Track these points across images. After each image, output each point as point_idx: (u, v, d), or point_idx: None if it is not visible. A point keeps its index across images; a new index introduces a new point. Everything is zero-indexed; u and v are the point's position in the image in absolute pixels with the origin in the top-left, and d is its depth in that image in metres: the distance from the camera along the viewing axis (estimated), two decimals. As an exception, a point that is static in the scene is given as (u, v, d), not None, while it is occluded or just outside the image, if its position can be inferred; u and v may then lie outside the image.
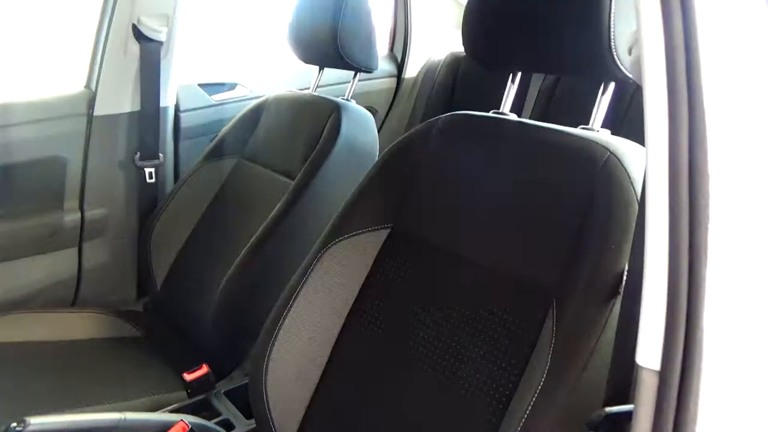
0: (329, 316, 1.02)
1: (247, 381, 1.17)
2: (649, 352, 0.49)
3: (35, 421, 0.88)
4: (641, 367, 0.49)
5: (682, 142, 0.48)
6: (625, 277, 0.70)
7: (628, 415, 0.63)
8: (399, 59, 2.30)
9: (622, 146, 0.83)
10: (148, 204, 1.67)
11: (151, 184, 1.66)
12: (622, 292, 0.70)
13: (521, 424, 0.70)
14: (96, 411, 1.13)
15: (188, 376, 1.20)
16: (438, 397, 0.86)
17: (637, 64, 0.57)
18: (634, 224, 0.73)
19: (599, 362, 0.70)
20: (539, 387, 0.70)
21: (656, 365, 0.48)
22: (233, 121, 1.63)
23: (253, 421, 1.12)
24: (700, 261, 0.47)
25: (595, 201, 0.78)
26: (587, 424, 0.64)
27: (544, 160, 0.87)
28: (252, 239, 1.31)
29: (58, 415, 0.91)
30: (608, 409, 0.62)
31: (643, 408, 0.47)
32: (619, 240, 0.74)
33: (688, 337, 0.47)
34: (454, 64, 2.18)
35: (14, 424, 0.87)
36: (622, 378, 0.64)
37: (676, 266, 0.49)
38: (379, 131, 1.54)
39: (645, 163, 0.79)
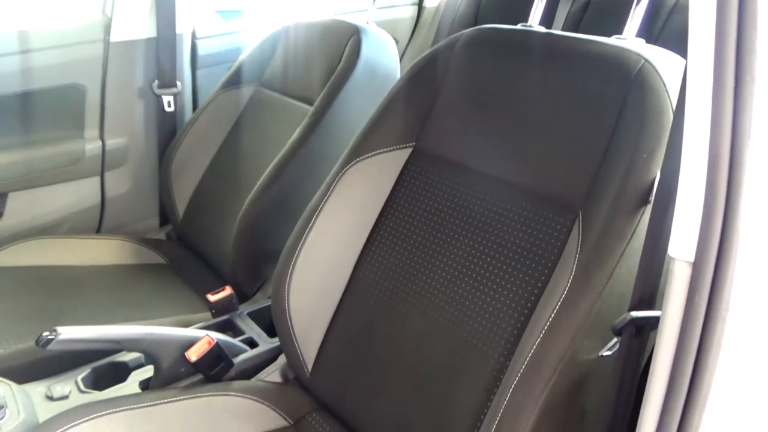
0: (350, 235, 1.02)
1: (269, 303, 1.19)
2: (683, 244, 0.47)
3: (65, 330, 0.90)
4: (674, 260, 0.48)
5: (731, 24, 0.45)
6: (656, 185, 0.67)
7: (654, 322, 0.63)
8: (421, -14, 2.22)
9: (657, 54, 0.79)
10: (168, 133, 1.66)
11: (169, 112, 1.65)
12: (652, 201, 0.68)
13: (544, 331, 0.69)
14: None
15: (212, 297, 1.22)
16: (461, 310, 0.86)
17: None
18: (668, 133, 0.70)
19: (626, 271, 0.69)
20: (563, 294, 0.70)
21: (690, 257, 0.46)
22: (251, 48, 1.60)
23: (275, 339, 1.15)
24: (743, 145, 0.44)
25: (628, 110, 0.75)
26: (612, 329, 0.64)
27: (574, 70, 0.84)
28: (272, 164, 1.30)
29: (87, 327, 0.94)
30: (634, 313, 0.62)
31: (674, 300, 0.46)
32: (652, 148, 0.71)
33: (725, 227, 0.45)
34: (477, -9, 2.09)
35: (46, 333, 0.90)
36: (649, 285, 0.63)
37: (717, 156, 0.47)
38: (400, 61, 1.50)
39: (681, 72, 0.75)
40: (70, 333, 0.90)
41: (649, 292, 0.63)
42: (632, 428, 0.61)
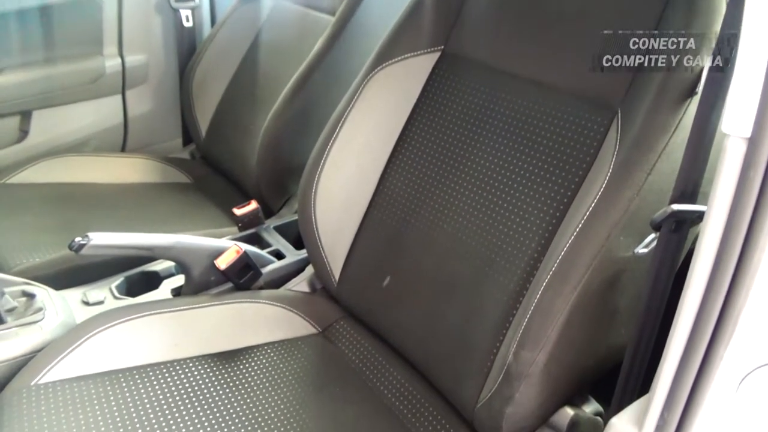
0: (376, 143, 1.00)
1: (295, 218, 1.19)
2: (739, 120, 0.44)
3: (97, 236, 0.92)
4: (728, 136, 0.45)
5: None
6: (705, 74, 0.63)
7: (696, 217, 0.61)
8: None
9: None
10: (187, 49, 1.63)
11: (188, 28, 1.62)
12: (700, 91, 0.64)
13: (578, 228, 0.68)
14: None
15: (238, 211, 1.23)
16: (490, 215, 0.85)
17: None
18: (721, 17, 0.65)
19: (667, 166, 0.66)
20: (600, 192, 0.68)
21: (746, 132, 0.44)
22: (269, -43, 1.53)
23: (302, 251, 1.16)
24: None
25: (676, -3, 0.70)
26: (651, 223, 0.62)
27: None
28: (294, 77, 1.27)
29: (118, 233, 0.95)
30: (675, 206, 0.59)
31: (726, 176, 0.44)
32: (701, 37, 0.67)
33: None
34: None
35: (78, 239, 0.91)
36: (692, 179, 0.61)
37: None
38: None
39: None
40: (101, 239, 0.92)
41: (692, 186, 0.60)
42: (665, 325, 0.60)
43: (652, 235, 0.65)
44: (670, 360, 0.50)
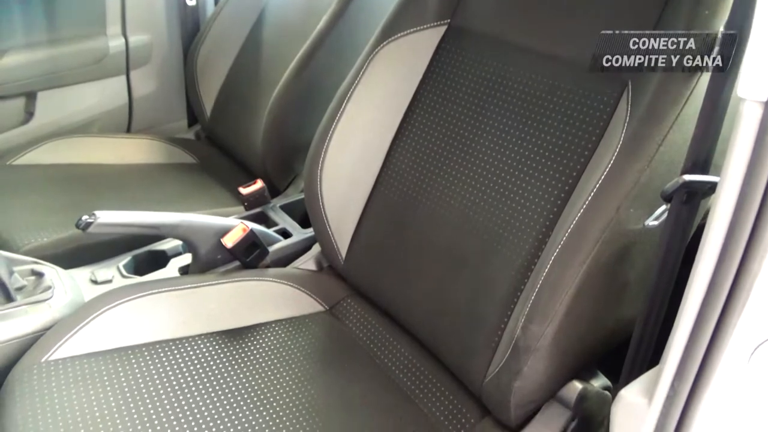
0: (382, 120, 0.99)
1: (301, 196, 1.18)
2: (755, 84, 0.43)
3: (104, 214, 0.92)
4: (744, 100, 0.44)
5: None
6: (719, 42, 0.62)
7: (707, 188, 0.60)
8: None
9: None
10: (191, 29, 1.62)
11: (192, 7, 1.60)
12: (713, 60, 0.63)
13: (588, 201, 0.67)
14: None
15: (244, 190, 1.23)
16: (498, 191, 0.84)
17: None
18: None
19: (679, 138, 0.65)
20: (610, 164, 0.67)
21: (763, 97, 0.43)
22: (272, -67, 1.50)
23: (309, 230, 1.15)
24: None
25: (689, -38, 0.68)
26: (661, 194, 0.61)
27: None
28: (298, 54, 1.25)
29: (125, 212, 0.95)
30: (686, 176, 0.58)
31: (742, 141, 0.43)
32: (715, 2, 0.65)
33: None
34: None
35: (85, 217, 0.91)
36: (704, 149, 0.60)
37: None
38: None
39: None
40: (108, 217, 0.92)
41: (704, 157, 0.59)
42: (674, 298, 0.59)
43: (663, 207, 0.64)
44: (681, 330, 0.50)
